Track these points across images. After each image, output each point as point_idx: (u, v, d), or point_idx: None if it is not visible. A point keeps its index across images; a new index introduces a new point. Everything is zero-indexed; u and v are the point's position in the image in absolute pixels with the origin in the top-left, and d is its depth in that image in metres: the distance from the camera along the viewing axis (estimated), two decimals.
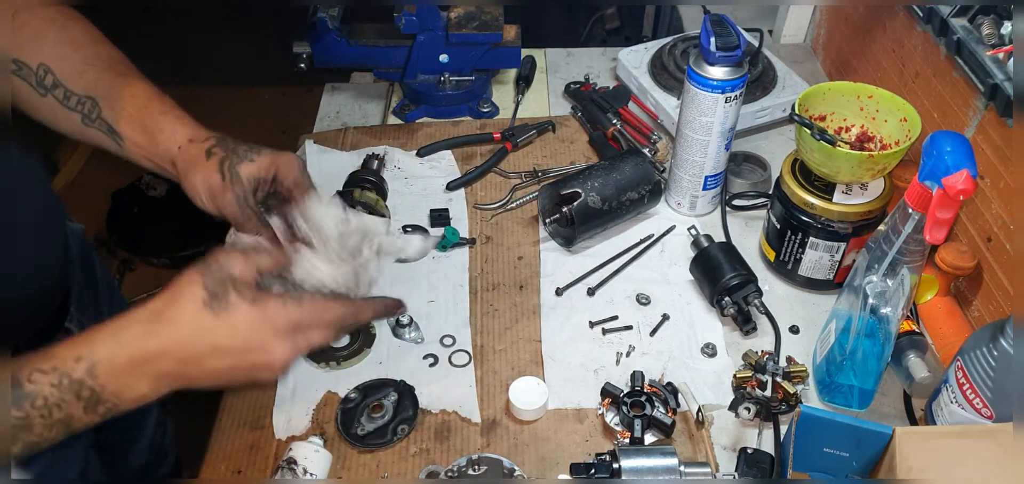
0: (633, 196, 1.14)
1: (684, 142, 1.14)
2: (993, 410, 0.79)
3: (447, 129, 1.38)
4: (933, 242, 0.80)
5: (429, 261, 1.14)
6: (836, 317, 0.94)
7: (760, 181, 1.25)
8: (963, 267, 0.98)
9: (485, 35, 1.34)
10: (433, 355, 1.00)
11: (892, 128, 1.03)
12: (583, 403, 0.95)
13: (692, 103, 1.08)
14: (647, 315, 1.06)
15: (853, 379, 0.91)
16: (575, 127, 1.39)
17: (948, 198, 0.76)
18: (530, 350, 1.02)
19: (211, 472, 0.88)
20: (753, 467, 0.83)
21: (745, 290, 1.02)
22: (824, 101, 1.06)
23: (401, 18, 1.32)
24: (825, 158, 0.98)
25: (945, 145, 0.79)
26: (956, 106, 1.06)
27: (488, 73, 1.45)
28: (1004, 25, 0.96)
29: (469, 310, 1.06)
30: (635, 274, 1.12)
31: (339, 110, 1.45)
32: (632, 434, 0.88)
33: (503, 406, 0.95)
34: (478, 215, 1.22)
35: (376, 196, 1.12)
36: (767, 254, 1.12)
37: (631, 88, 1.44)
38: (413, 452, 0.90)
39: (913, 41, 1.19)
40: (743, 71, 1.05)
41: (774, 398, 0.89)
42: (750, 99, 1.33)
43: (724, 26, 1.04)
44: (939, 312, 1.03)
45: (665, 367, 0.99)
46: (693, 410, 0.91)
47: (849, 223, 1.00)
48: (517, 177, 1.28)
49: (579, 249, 1.16)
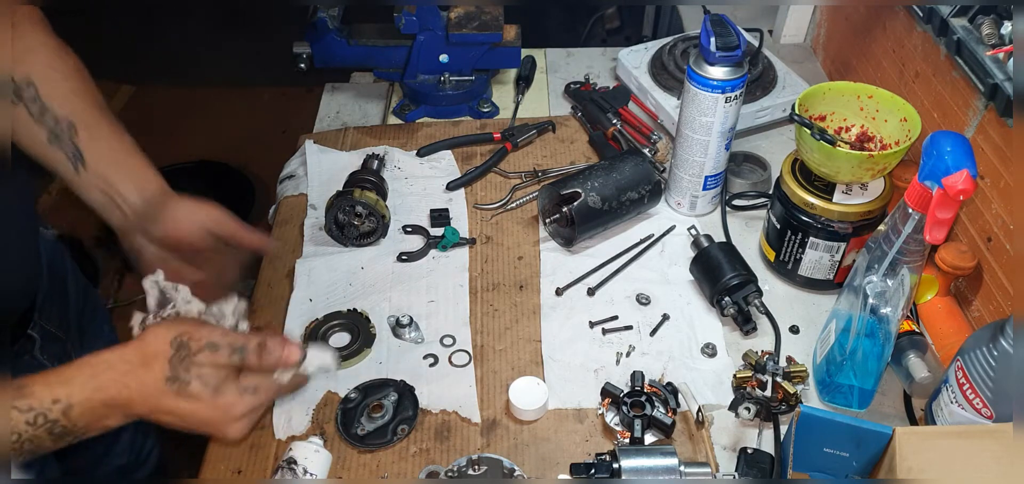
0: (633, 196, 1.14)
1: (684, 142, 1.14)
2: (993, 410, 0.79)
3: (447, 129, 1.38)
4: (933, 242, 0.80)
5: (429, 261, 1.14)
6: (836, 317, 0.94)
7: (760, 181, 1.25)
8: (963, 267, 0.98)
9: (485, 35, 1.34)
10: (433, 355, 1.00)
11: (892, 128, 1.03)
12: (583, 403, 0.95)
13: (692, 103, 1.09)
14: (647, 315, 1.06)
15: (853, 379, 0.91)
16: (575, 127, 1.39)
17: (948, 198, 0.76)
18: (530, 350, 1.02)
19: (211, 472, 0.88)
20: (753, 467, 0.83)
21: (745, 290, 1.02)
22: (824, 101, 1.07)
23: (401, 18, 1.32)
24: (825, 158, 0.98)
25: (945, 145, 0.79)
26: (956, 106, 1.06)
27: (488, 73, 1.45)
28: (1004, 25, 0.96)
29: (469, 310, 1.06)
30: (635, 274, 1.12)
31: (339, 110, 1.45)
32: (632, 434, 0.88)
33: (503, 406, 0.95)
34: (478, 215, 1.22)
35: (376, 196, 1.12)
36: (767, 254, 1.12)
37: (631, 88, 1.44)
38: (413, 452, 0.90)
39: (913, 41, 1.19)
40: (743, 71, 1.05)
41: (774, 398, 0.89)
42: (750, 99, 1.33)
43: (724, 26, 1.04)
44: (939, 312, 1.03)
45: (665, 367, 0.99)
46: (693, 410, 0.91)
47: (849, 223, 1.00)
48: (517, 177, 1.28)
49: (579, 249, 1.16)
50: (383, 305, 1.06)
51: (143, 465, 1.25)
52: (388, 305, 1.07)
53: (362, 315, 1.04)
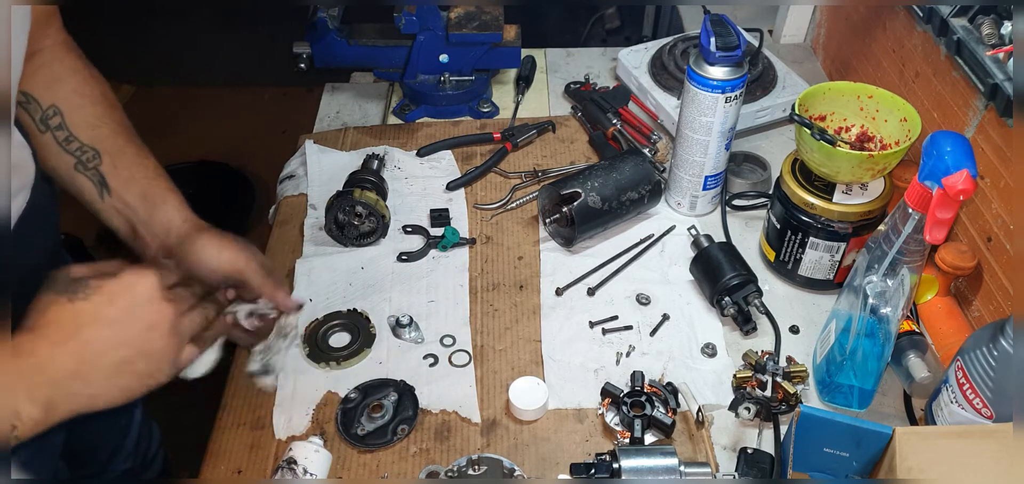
0: (633, 196, 1.14)
1: (684, 142, 1.14)
2: (993, 410, 0.79)
3: (447, 129, 1.38)
4: (933, 242, 0.80)
5: (429, 261, 1.14)
6: (836, 317, 0.94)
7: (760, 181, 1.25)
8: (963, 267, 0.98)
9: (485, 35, 1.34)
10: (433, 355, 1.00)
11: (892, 128, 1.03)
12: (583, 403, 0.95)
13: (692, 103, 1.09)
14: (647, 315, 1.06)
15: (853, 379, 0.91)
16: (575, 127, 1.39)
17: (948, 198, 0.76)
18: (530, 350, 1.02)
19: (211, 472, 0.89)
20: (753, 467, 0.83)
21: (745, 290, 1.02)
22: (824, 101, 1.07)
23: (401, 18, 1.32)
24: (825, 158, 0.98)
25: (945, 145, 0.79)
26: (956, 106, 1.06)
27: (488, 73, 1.45)
28: (1004, 25, 0.96)
29: (469, 310, 1.06)
30: (635, 274, 1.12)
31: (339, 110, 1.45)
32: (632, 434, 0.88)
33: (503, 406, 0.95)
34: (478, 215, 1.22)
35: (376, 196, 1.12)
36: (767, 254, 1.12)
37: (631, 88, 1.44)
38: (413, 452, 0.90)
39: (913, 41, 1.19)
40: (743, 71, 1.05)
41: (774, 398, 0.89)
42: (750, 99, 1.33)
43: (724, 26, 1.04)
44: (939, 312, 1.03)
45: (665, 367, 0.99)
46: (693, 410, 0.91)
47: (849, 223, 1.00)
48: (517, 177, 1.28)
49: (579, 249, 1.16)
50: (383, 305, 1.06)
51: (149, 468, 1.25)
52: (388, 305, 1.07)
53: (362, 315, 1.04)
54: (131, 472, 1.20)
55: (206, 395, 0.99)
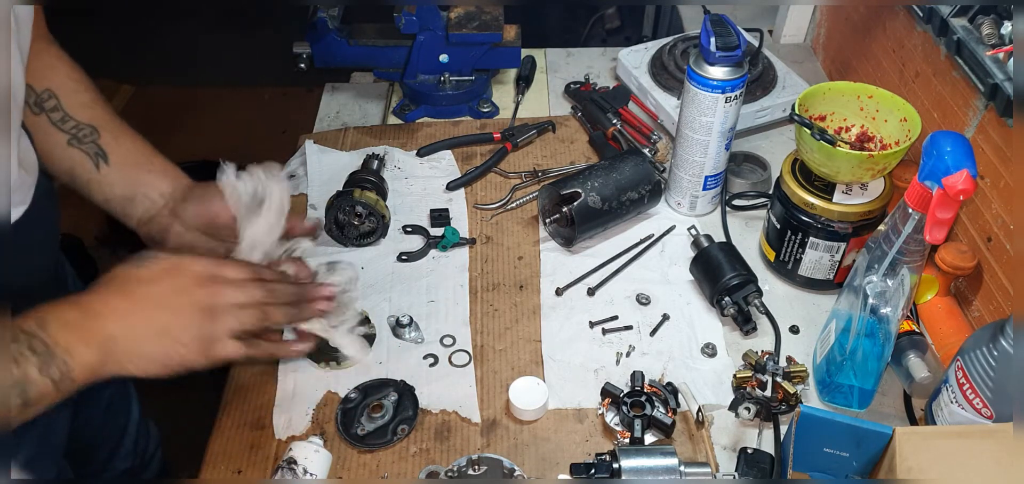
0: (633, 196, 1.14)
1: (684, 142, 1.14)
2: (993, 410, 0.79)
3: (447, 129, 1.38)
4: (933, 242, 0.80)
5: (429, 261, 1.14)
6: (836, 317, 0.94)
7: (760, 181, 1.25)
8: (963, 267, 0.98)
9: (485, 35, 1.34)
10: (433, 355, 1.00)
11: (892, 128, 1.03)
12: (583, 403, 0.95)
13: (692, 103, 1.09)
14: (647, 315, 1.06)
15: (853, 379, 0.91)
16: (575, 127, 1.39)
17: (948, 198, 0.76)
18: (530, 350, 1.02)
19: (211, 472, 0.88)
20: (753, 467, 0.83)
21: (745, 290, 1.02)
22: (824, 101, 1.07)
23: (401, 18, 1.32)
24: (825, 158, 0.98)
25: (945, 145, 0.79)
26: (956, 106, 1.06)
27: (488, 73, 1.45)
28: (1004, 25, 0.96)
29: (469, 310, 1.06)
30: (635, 274, 1.12)
31: (339, 110, 1.45)
32: (632, 434, 0.88)
33: (503, 406, 0.95)
34: (478, 215, 1.22)
35: (376, 196, 1.12)
36: (767, 254, 1.12)
37: (631, 88, 1.44)
38: (413, 452, 0.90)
39: (913, 41, 1.19)
40: (743, 71, 1.05)
41: (774, 398, 0.89)
42: (750, 99, 1.33)
43: (724, 26, 1.04)
44: (939, 312, 1.03)
45: (665, 367, 0.99)
46: (693, 410, 0.91)
47: (849, 223, 1.00)
48: (517, 177, 1.28)
49: (579, 249, 1.16)
50: (383, 305, 1.06)
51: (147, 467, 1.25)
52: (388, 305, 1.07)
53: (362, 315, 1.04)
54: (130, 471, 1.20)
55: (206, 395, 0.99)
